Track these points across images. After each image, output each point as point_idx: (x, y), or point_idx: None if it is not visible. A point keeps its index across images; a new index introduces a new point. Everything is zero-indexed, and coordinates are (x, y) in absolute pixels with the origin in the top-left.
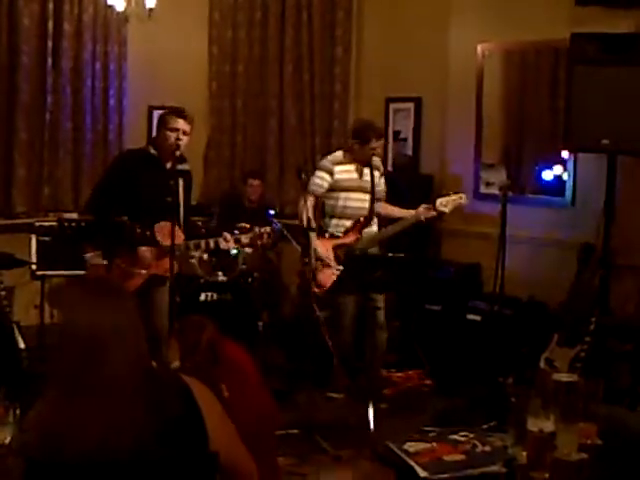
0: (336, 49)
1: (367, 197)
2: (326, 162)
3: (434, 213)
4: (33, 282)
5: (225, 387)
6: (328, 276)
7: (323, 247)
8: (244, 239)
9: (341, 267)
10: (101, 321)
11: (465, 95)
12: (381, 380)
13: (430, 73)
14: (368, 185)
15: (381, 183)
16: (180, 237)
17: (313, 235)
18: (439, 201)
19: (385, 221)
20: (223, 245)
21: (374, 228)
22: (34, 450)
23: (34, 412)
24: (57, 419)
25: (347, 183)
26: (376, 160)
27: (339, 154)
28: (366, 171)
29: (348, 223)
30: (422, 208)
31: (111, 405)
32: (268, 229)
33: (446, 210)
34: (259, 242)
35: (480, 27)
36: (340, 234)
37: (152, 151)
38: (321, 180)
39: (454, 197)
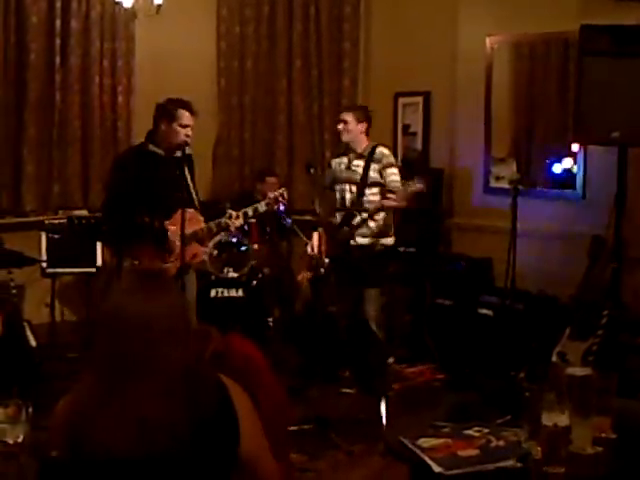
0: (344, 44)
1: (354, 188)
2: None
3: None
4: (43, 280)
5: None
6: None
7: (317, 242)
8: (261, 207)
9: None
10: (155, 311)
11: (474, 88)
12: (389, 375)
13: (439, 67)
14: (355, 175)
15: (387, 175)
16: (200, 221)
17: (315, 233)
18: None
19: (399, 213)
20: (229, 223)
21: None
22: (63, 438)
23: (69, 396)
24: (93, 405)
25: (337, 174)
26: (379, 153)
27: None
28: (357, 162)
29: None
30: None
31: (151, 398)
32: (280, 190)
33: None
34: (276, 206)
35: (489, 20)
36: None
37: (152, 148)
38: (326, 173)
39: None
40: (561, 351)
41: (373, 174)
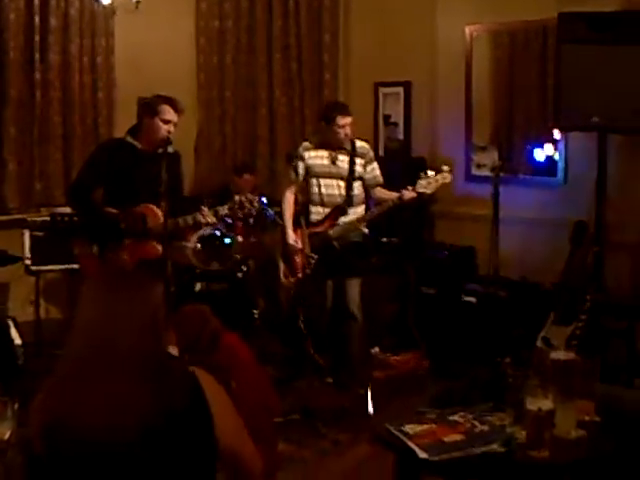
0: (324, 36)
1: (342, 184)
2: (299, 149)
3: (414, 194)
4: (28, 277)
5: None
6: (300, 264)
7: (296, 236)
8: (222, 210)
9: (314, 255)
10: (111, 311)
11: (454, 77)
12: (368, 363)
13: (419, 57)
14: (343, 171)
15: (371, 170)
16: (160, 219)
17: (289, 230)
18: (420, 182)
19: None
20: (202, 219)
21: (353, 216)
22: (40, 433)
23: (40, 395)
24: (64, 400)
25: (318, 169)
26: (362, 147)
27: (306, 142)
28: (342, 157)
29: (325, 210)
30: (404, 190)
31: (118, 389)
32: (249, 196)
33: (427, 191)
34: (240, 212)
35: (468, 9)
36: (317, 222)
37: (130, 140)
38: (295, 167)
39: (437, 177)
40: (545, 336)
41: (359, 169)
